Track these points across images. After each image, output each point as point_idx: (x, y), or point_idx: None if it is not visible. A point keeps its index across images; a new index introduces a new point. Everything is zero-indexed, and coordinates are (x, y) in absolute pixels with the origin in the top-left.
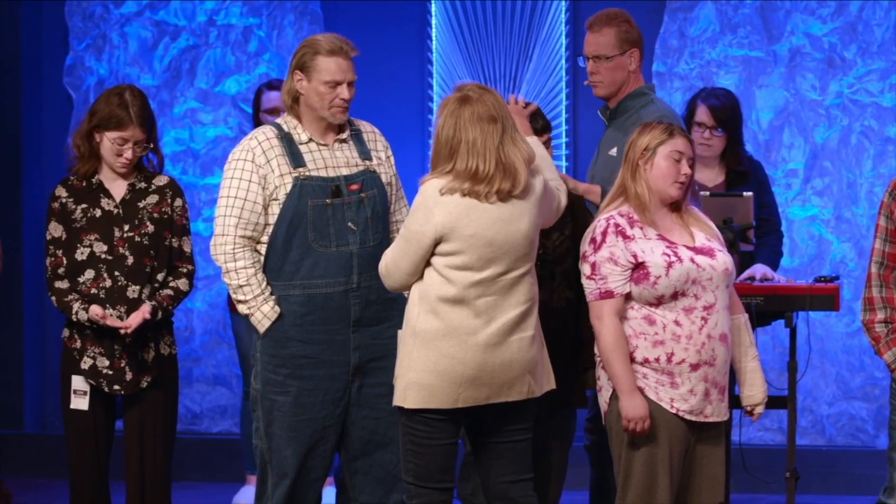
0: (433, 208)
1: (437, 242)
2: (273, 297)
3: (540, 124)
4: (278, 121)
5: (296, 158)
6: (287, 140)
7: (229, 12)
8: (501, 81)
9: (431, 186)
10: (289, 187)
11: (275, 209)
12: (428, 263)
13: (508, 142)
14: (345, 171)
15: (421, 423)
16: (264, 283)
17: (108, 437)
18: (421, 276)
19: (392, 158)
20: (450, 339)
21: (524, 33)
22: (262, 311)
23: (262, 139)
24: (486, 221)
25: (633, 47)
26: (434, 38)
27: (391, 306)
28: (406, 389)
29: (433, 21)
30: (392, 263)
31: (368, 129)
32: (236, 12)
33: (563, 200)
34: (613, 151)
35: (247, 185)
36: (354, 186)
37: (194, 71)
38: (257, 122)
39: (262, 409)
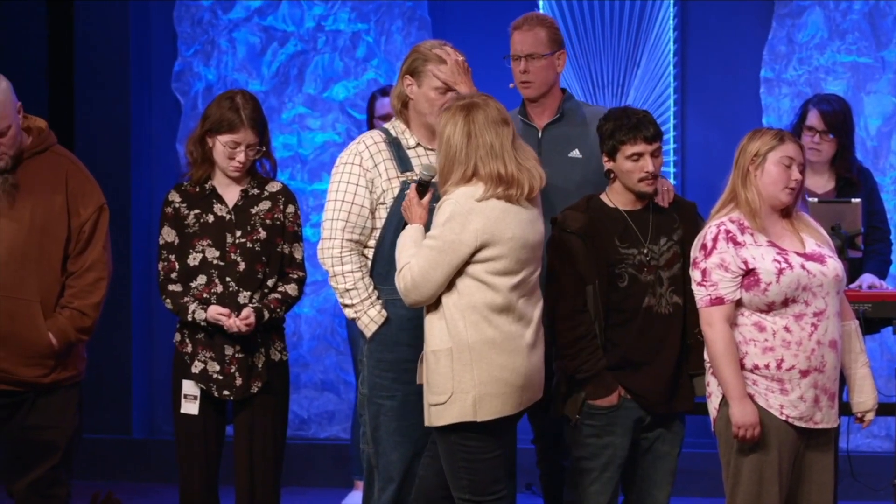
0: (469, 215)
1: (477, 250)
2: (380, 301)
3: (651, 132)
4: (386, 125)
5: (403, 163)
6: (395, 144)
7: (337, 18)
8: (609, 88)
9: (463, 194)
10: (396, 191)
11: (382, 213)
12: (459, 273)
13: (519, 144)
14: None
15: (473, 440)
16: (371, 287)
17: (217, 441)
18: (450, 288)
19: None
20: (503, 348)
21: (632, 40)
22: (369, 316)
23: (369, 143)
24: (521, 223)
25: (561, 49)
26: None
27: None
28: (476, 404)
29: None
30: (421, 276)
31: None
32: (344, 18)
33: None
34: (576, 153)
35: (354, 189)
36: None
37: (302, 76)
38: (371, 128)
39: (368, 414)
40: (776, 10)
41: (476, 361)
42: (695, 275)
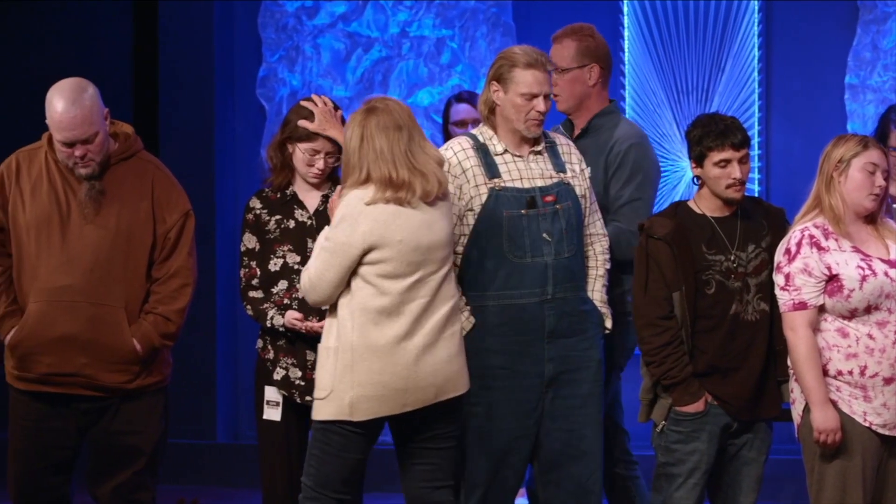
0: (358, 218)
1: (366, 252)
2: (467, 307)
3: (739, 138)
4: (474, 131)
5: (491, 169)
6: (482, 151)
7: (422, 24)
8: (694, 94)
9: (355, 197)
10: (484, 198)
11: (470, 219)
12: (354, 274)
13: (417, 148)
14: (539, 183)
15: (337, 435)
16: (459, 294)
17: (300, 447)
18: (346, 289)
19: (586, 171)
20: (385, 352)
21: (716, 46)
22: None
23: (457, 150)
24: (411, 226)
25: (594, 62)
26: (626, 51)
27: (585, 318)
28: (352, 404)
29: (626, 34)
30: (317, 276)
31: (563, 142)
32: (429, 24)
33: None
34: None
35: None
36: (549, 198)
37: (387, 83)
38: (446, 134)
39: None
40: (861, 16)
41: (357, 363)
42: (778, 279)
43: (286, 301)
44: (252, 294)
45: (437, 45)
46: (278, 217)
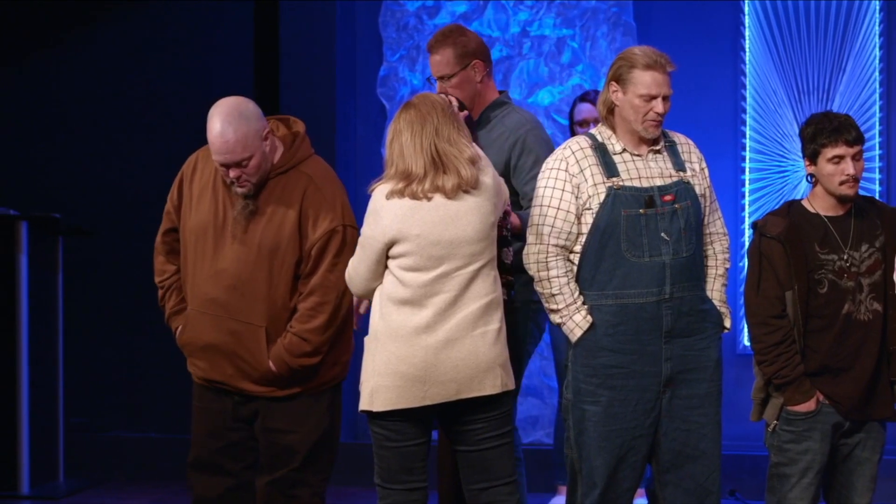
0: (380, 212)
1: (390, 245)
2: (585, 306)
3: (853, 135)
4: (592, 131)
5: (609, 168)
6: (601, 150)
7: (543, 24)
8: (815, 94)
9: (379, 192)
10: (602, 197)
11: (588, 218)
12: (387, 266)
13: (444, 144)
14: (658, 182)
15: (379, 427)
16: (577, 293)
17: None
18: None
19: (706, 170)
20: (399, 339)
21: (837, 46)
22: (575, 321)
23: (575, 149)
24: (431, 220)
25: (474, 59)
26: (748, 51)
27: (704, 318)
28: (372, 394)
29: (746, 34)
30: (353, 270)
31: (682, 141)
32: (550, 24)
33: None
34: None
35: (560, 195)
36: (668, 197)
37: (507, 82)
38: (573, 134)
39: (572, 419)
40: None
41: (378, 351)
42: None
43: None
44: None
45: (558, 45)
46: None
